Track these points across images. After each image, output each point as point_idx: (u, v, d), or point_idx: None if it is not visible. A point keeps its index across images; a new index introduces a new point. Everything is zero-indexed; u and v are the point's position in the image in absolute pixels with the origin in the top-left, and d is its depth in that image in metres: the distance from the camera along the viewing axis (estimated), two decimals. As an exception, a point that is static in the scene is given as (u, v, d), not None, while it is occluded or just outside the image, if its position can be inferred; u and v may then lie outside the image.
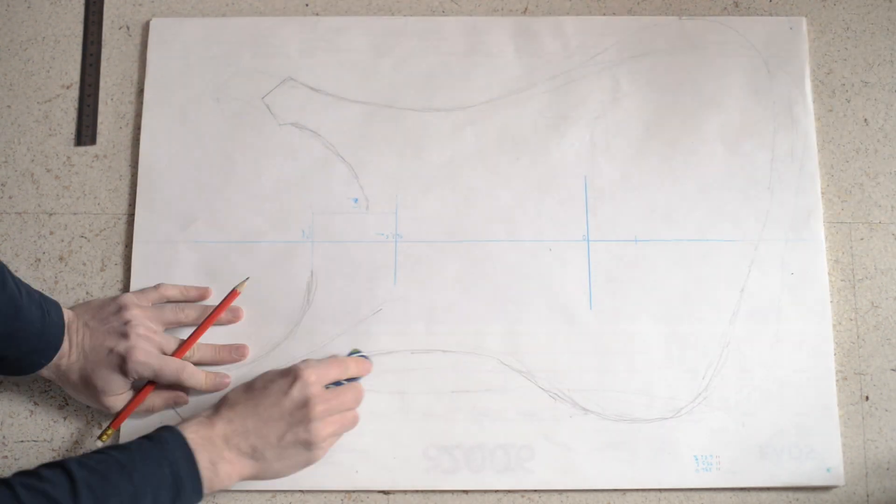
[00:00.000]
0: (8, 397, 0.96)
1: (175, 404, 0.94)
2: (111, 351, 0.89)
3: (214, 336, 0.96)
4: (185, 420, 0.86)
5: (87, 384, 0.90)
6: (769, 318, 0.96)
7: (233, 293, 0.95)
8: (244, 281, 0.96)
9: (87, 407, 0.95)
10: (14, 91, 1.04)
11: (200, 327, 0.94)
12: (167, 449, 0.81)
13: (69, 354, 0.90)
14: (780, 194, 0.99)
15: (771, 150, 1.01)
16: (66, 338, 0.89)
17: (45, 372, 0.90)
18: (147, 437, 0.83)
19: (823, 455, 0.93)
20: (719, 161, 1.00)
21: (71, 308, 0.93)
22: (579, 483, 0.93)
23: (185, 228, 0.99)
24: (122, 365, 0.89)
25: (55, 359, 0.89)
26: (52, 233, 1.00)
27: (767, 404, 0.94)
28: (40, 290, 0.97)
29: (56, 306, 0.90)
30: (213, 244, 0.99)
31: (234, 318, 0.96)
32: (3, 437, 0.95)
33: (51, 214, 1.00)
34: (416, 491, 0.93)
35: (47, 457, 0.94)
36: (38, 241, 1.00)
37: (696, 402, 0.94)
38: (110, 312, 0.92)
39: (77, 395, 0.93)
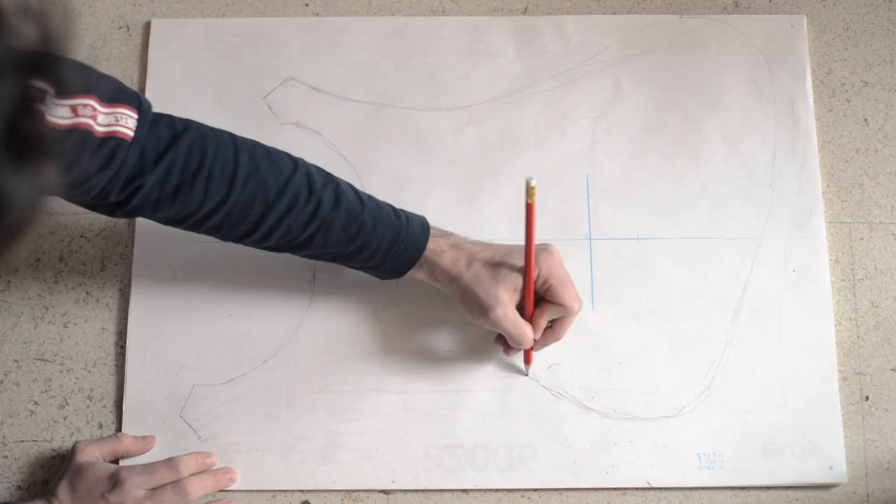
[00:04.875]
0: (8, 397, 0.95)
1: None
2: None
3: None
4: None
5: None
6: (771, 315, 0.96)
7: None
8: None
9: (87, 406, 0.95)
10: (14, 91, 1.03)
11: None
12: None
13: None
14: (781, 191, 1.00)
15: (772, 148, 1.01)
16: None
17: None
18: None
19: (826, 453, 0.93)
20: (721, 159, 1.01)
21: None
22: (582, 482, 0.93)
23: (187, 228, 0.99)
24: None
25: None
26: (52, 233, 1.00)
27: (770, 402, 0.94)
28: (39, 290, 0.98)
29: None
30: (215, 244, 0.98)
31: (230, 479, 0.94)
32: (3, 437, 0.94)
33: (51, 214, 1.00)
34: (416, 490, 0.93)
35: (47, 457, 0.94)
36: (38, 240, 0.99)
37: (699, 400, 0.94)
38: None
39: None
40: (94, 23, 1.06)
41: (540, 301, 0.90)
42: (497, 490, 0.93)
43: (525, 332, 0.89)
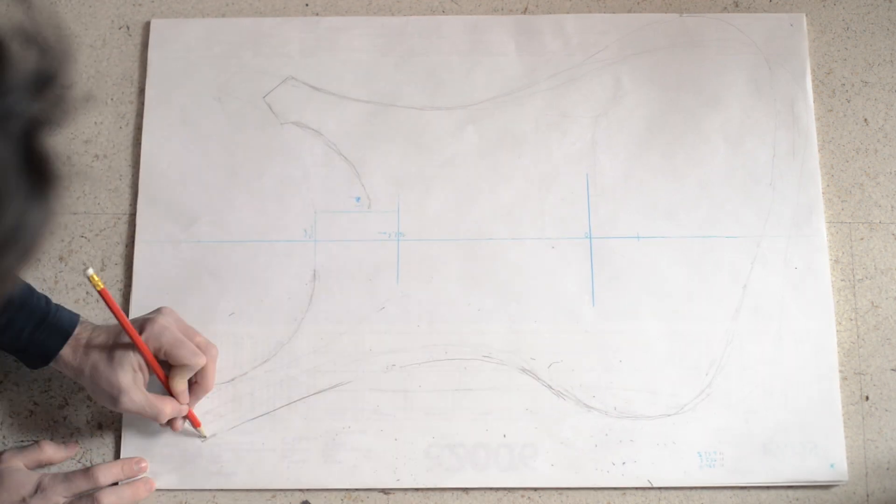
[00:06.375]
0: (8, 397, 0.95)
1: None
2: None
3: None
4: None
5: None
6: (772, 314, 0.96)
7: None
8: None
9: (87, 407, 0.95)
10: (14, 91, 1.03)
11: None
12: None
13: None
14: (781, 190, 1.00)
15: (772, 147, 1.01)
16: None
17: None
18: None
19: (826, 452, 0.93)
20: (721, 158, 1.01)
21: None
22: (583, 481, 0.93)
23: (187, 228, 0.99)
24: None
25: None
26: (51, 233, 0.99)
27: (770, 401, 0.94)
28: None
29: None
30: (215, 244, 0.98)
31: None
32: (3, 437, 0.94)
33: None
34: (416, 490, 0.93)
35: (47, 457, 0.94)
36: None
37: (700, 398, 0.94)
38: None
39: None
40: (94, 23, 1.06)
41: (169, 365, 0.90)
42: (497, 489, 0.93)
43: (159, 407, 0.88)
